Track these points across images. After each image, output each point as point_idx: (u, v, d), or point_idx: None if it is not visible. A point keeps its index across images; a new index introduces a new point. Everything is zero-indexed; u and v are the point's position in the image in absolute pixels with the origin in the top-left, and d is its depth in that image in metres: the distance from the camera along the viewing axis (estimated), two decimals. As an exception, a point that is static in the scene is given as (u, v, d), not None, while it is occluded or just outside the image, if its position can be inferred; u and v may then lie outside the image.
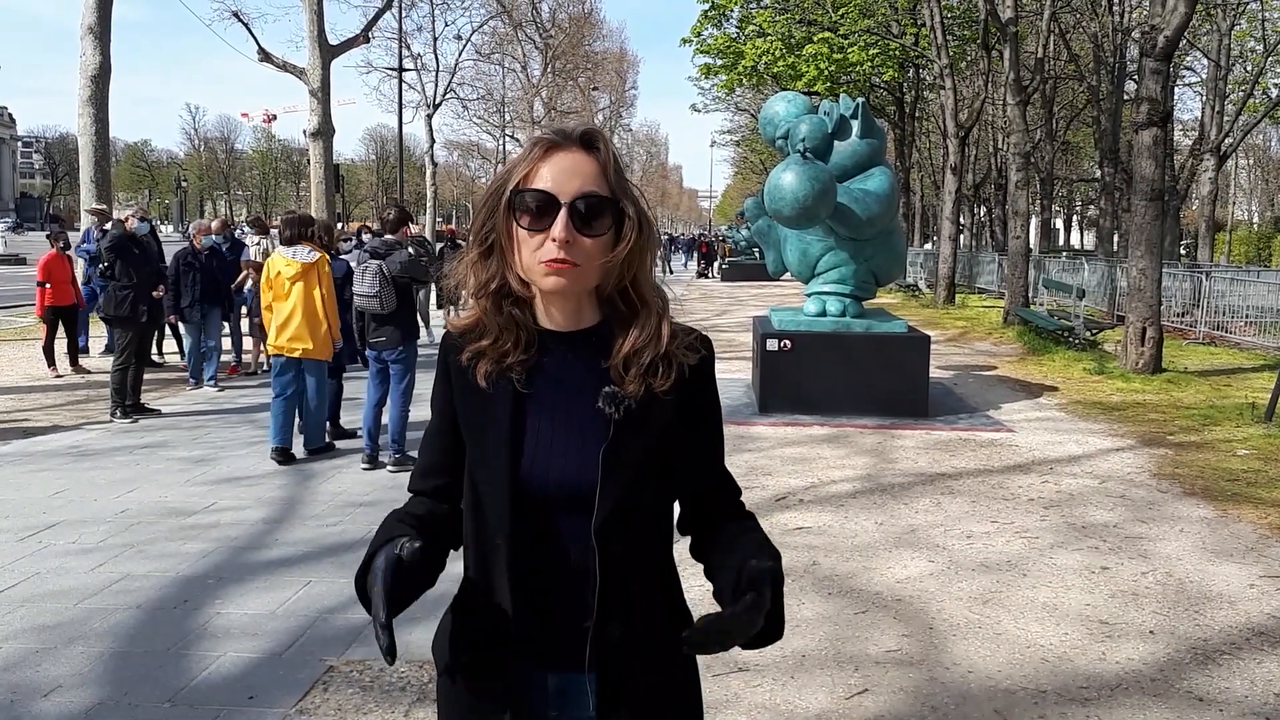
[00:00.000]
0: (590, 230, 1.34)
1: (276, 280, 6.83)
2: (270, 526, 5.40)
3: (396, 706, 3.33)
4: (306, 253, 6.81)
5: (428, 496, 1.52)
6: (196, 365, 10.02)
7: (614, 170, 1.37)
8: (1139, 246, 11.38)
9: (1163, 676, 3.65)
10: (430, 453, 1.53)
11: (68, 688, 3.45)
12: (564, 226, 1.32)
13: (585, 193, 1.33)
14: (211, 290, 10.01)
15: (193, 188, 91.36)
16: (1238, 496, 6.16)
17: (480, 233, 1.41)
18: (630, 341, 1.39)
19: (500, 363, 1.40)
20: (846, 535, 5.33)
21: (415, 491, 1.55)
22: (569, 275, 1.34)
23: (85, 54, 14.66)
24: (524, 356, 1.40)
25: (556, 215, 1.32)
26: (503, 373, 1.40)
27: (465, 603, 1.45)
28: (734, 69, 31.03)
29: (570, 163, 1.34)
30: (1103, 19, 24.99)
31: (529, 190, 1.34)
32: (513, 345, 1.40)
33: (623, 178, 1.39)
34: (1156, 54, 11.05)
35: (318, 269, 6.84)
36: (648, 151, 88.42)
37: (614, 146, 1.41)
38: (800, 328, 8.87)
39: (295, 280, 6.76)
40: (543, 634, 1.39)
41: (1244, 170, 62.43)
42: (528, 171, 1.35)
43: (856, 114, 8.82)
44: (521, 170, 1.36)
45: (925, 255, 30.47)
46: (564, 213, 1.32)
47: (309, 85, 23.39)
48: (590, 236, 1.34)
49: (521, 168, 1.36)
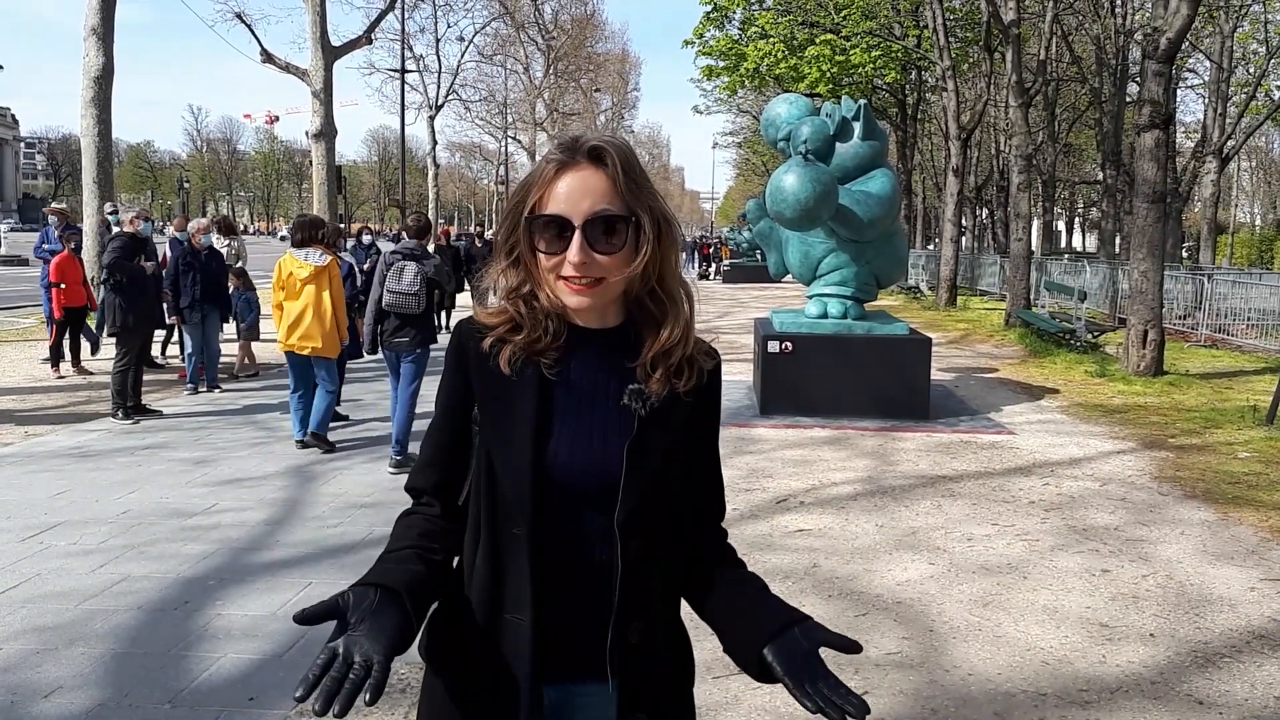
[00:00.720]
0: (606, 248, 1.35)
1: (289, 281, 7.05)
2: (271, 528, 5.40)
3: (396, 708, 3.33)
4: (318, 256, 7.04)
5: (429, 495, 1.50)
6: (195, 371, 9.85)
7: (626, 180, 1.37)
8: (1141, 249, 11.38)
9: (1163, 679, 3.65)
10: (434, 447, 1.51)
11: (68, 689, 3.45)
12: (579, 249, 1.33)
13: (597, 212, 1.34)
14: (212, 291, 9.86)
15: (195, 189, 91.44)
16: (1239, 499, 6.15)
17: (507, 244, 1.43)
18: (661, 340, 1.41)
19: (530, 349, 1.40)
20: (847, 537, 5.33)
21: (415, 488, 1.53)
22: (591, 294, 1.37)
23: (88, 55, 14.69)
24: (554, 344, 1.41)
25: (571, 237, 1.34)
26: (529, 359, 1.40)
27: (458, 598, 1.43)
28: (736, 71, 31.05)
29: (580, 181, 1.35)
30: (1105, 21, 25.00)
31: (543, 215, 1.36)
32: (543, 334, 1.41)
33: (636, 184, 1.38)
34: (1159, 56, 11.05)
35: (328, 271, 7.06)
36: (650, 153, 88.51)
37: (629, 153, 1.40)
38: (802, 330, 8.87)
39: (307, 282, 7.00)
40: (560, 633, 1.38)
41: (1246, 173, 62.42)
42: (541, 195, 1.36)
43: (858, 116, 8.83)
44: (536, 193, 1.37)
45: (927, 257, 30.47)
46: (578, 235, 1.33)
47: (311, 86, 23.41)
48: (606, 254, 1.35)
49: (536, 190, 1.37)
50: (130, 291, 8.37)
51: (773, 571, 4.74)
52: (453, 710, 1.43)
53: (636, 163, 1.40)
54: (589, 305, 1.38)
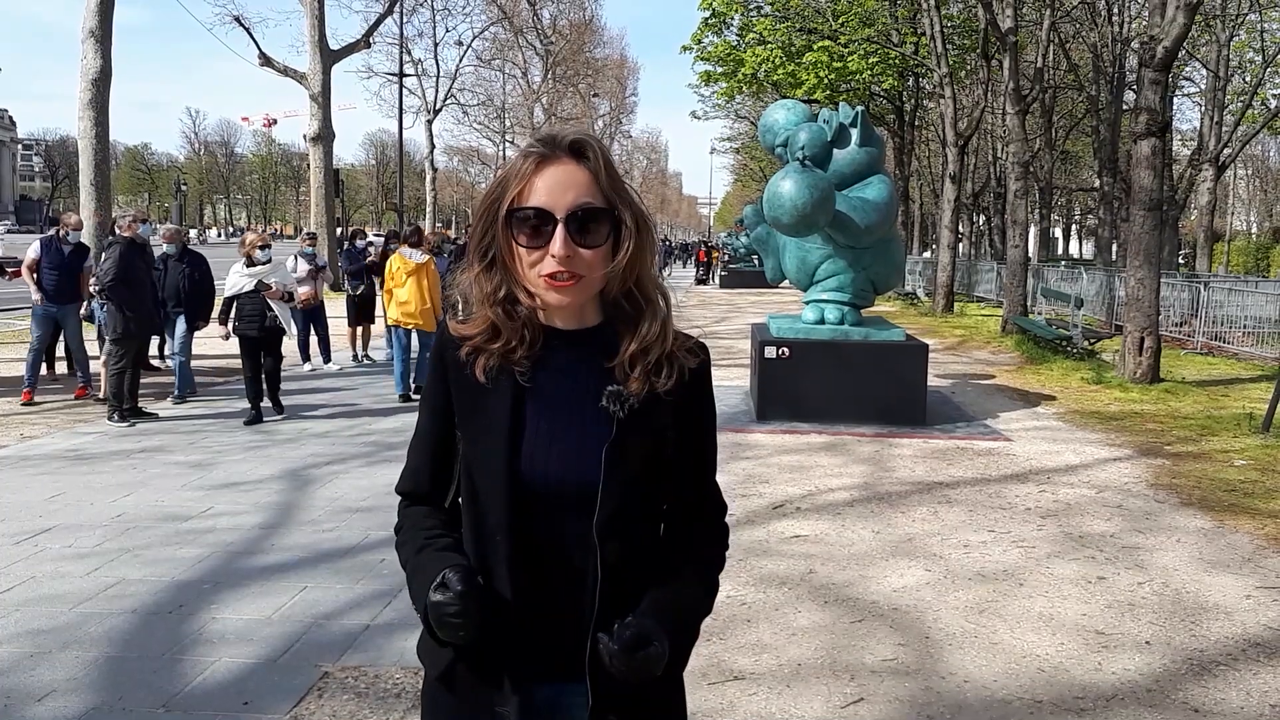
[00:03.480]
0: (588, 242, 1.34)
1: (397, 273, 9.32)
2: (266, 532, 5.39)
3: (391, 713, 3.33)
4: (420, 255, 9.35)
5: (419, 499, 1.51)
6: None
7: (607, 176, 1.36)
8: (1137, 256, 11.39)
9: (1158, 687, 3.65)
10: (421, 452, 1.51)
11: (62, 693, 3.44)
12: (562, 243, 1.32)
13: (580, 205, 1.33)
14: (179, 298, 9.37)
15: (192, 192, 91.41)
16: (1235, 507, 6.16)
17: (480, 245, 1.41)
18: (637, 340, 1.39)
19: (505, 358, 1.40)
20: (843, 544, 5.33)
21: (405, 493, 1.53)
22: (571, 291, 1.35)
23: (86, 57, 14.68)
24: (529, 352, 1.40)
25: (554, 231, 1.32)
26: (504, 367, 1.40)
27: None
28: (734, 76, 31.07)
29: (562, 175, 1.34)
30: (1102, 29, 25.07)
31: (524, 208, 1.34)
32: (519, 342, 1.40)
33: (616, 181, 1.38)
34: (1155, 64, 11.08)
35: (426, 267, 9.34)
36: (648, 158, 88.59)
37: (606, 150, 1.39)
38: (799, 335, 8.87)
39: (410, 274, 9.27)
40: (544, 635, 1.38)
41: (1242, 181, 62.60)
42: (521, 188, 1.35)
43: (856, 122, 8.84)
44: (515, 187, 1.35)
45: (924, 263, 30.50)
46: (560, 228, 1.32)
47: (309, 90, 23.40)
48: (589, 248, 1.34)
49: (515, 184, 1.35)
50: (131, 297, 8.30)
51: (769, 577, 4.74)
52: (449, 707, 1.44)
53: (613, 159, 1.40)
54: (569, 302, 1.37)
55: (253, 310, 8.34)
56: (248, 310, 8.35)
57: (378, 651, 3.80)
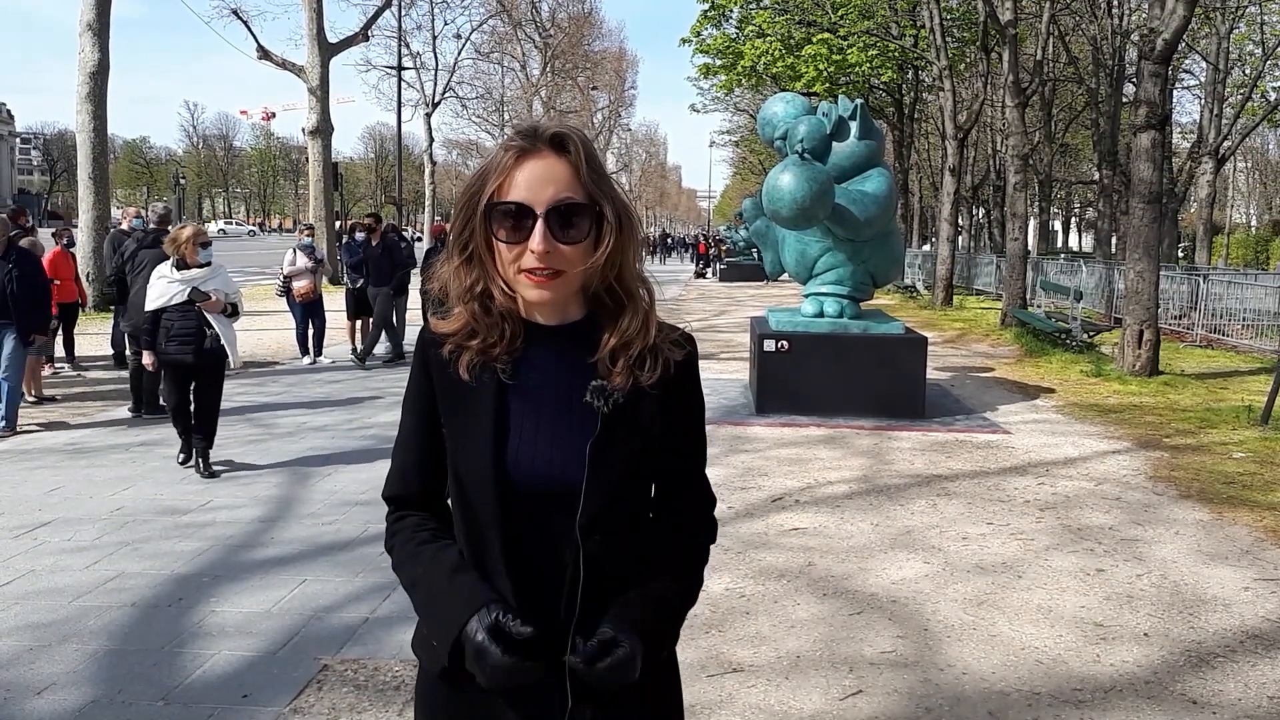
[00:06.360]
0: (568, 237, 1.32)
1: None
2: (265, 525, 5.39)
3: (390, 705, 3.33)
4: None
5: (408, 504, 1.50)
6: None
7: (588, 169, 1.34)
8: (1137, 249, 11.39)
9: (1157, 679, 3.66)
10: (407, 453, 1.50)
11: (61, 686, 3.44)
12: (542, 238, 1.30)
13: (560, 200, 1.31)
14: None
15: (191, 185, 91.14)
16: (1233, 499, 6.16)
17: (460, 239, 1.39)
18: (618, 334, 1.38)
19: (486, 355, 1.38)
20: (842, 536, 5.33)
21: (394, 497, 1.52)
22: (551, 286, 1.33)
23: (84, 51, 14.65)
24: (509, 348, 1.39)
25: (533, 226, 1.30)
26: (486, 364, 1.38)
27: None
28: (733, 69, 31.05)
29: (543, 169, 1.32)
30: (1102, 22, 25.02)
31: (503, 203, 1.32)
32: (498, 339, 1.38)
33: (598, 174, 1.35)
34: (1155, 57, 11.06)
35: None
36: (647, 151, 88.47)
37: (589, 142, 1.37)
38: (798, 328, 8.87)
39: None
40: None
41: (1242, 173, 62.55)
42: (501, 181, 1.33)
43: (855, 115, 8.82)
44: (495, 180, 1.33)
45: (923, 256, 30.48)
46: (540, 224, 1.30)
47: (308, 83, 23.36)
48: (569, 244, 1.32)
49: (495, 177, 1.33)
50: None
51: (768, 570, 4.74)
52: (445, 702, 1.45)
53: (596, 152, 1.38)
54: (549, 299, 1.36)
55: (185, 328, 6.22)
56: (178, 328, 6.22)
57: (377, 644, 3.81)
